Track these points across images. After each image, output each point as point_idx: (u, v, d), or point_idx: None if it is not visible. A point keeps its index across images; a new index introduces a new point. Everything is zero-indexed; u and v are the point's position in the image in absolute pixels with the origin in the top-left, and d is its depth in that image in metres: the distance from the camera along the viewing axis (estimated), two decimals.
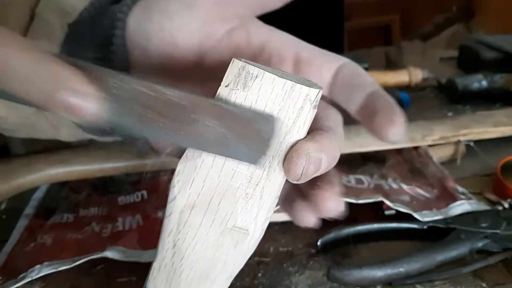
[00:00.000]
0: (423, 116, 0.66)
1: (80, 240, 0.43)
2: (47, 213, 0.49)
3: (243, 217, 0.24)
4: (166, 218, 0.24)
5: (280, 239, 0.44)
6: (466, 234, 0.40)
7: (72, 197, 0.51)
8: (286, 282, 0.39)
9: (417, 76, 0.75)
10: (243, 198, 0.23)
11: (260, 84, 0.22)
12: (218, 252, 0.24)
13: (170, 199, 0.24)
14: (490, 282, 0.37)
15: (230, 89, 0.22)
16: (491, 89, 0.68)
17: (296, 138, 0.23)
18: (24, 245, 0.43)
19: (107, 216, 0.47)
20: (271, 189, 0.23)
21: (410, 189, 0.48)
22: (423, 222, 0.42)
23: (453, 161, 0.54)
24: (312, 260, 0.41)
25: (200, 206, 0.23)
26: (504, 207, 0.44)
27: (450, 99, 0.72)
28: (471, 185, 0.49)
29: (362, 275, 0.37)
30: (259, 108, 0.22)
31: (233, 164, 0.23)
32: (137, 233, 0.44)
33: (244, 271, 0.38)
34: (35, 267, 0.39)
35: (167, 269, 0.25)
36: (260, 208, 0.24)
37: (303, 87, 0.22)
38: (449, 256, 0.38)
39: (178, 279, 0.25)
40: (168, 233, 0.24)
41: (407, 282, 0.37)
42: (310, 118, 0.23)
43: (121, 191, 0.51)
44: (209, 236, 0.24)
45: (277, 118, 0.22)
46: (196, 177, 0.23)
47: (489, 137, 0.55)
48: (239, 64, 0.22)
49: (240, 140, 0.22)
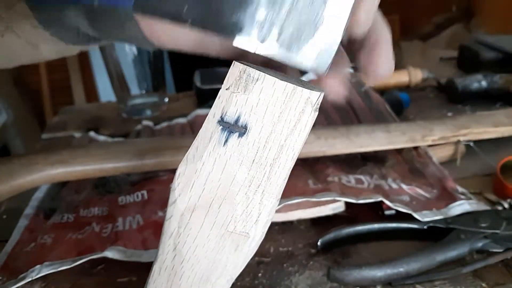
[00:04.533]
0: (423, 116, 0.67)
1: (80, 240, 0.43)
2: (47, 213, 0.49)
3: (243, 221, 0.24)
4: (167, 220, 0.24)
5: (280, 239, 0.44)
6: (466, 234, 0.40)
7: (72, 197, 0.51)
8: (286, 282, 0.39)
9: (417, 76, 0.75)
10: (243, 201, 0.23)
11: (261, 87, 0.22)
12: (218, 255, 0.24)
13: (170, 202, 0.24)
14: (490, 282, 0.37)
15: (230, 92, 0.23)
16: (491, 89, 0.68)
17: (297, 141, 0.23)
18: (24, 245, 0.43)
19: (107, 216, 0.47)
20: (271, 192, 0.23)
21: (410, 189, 0.48)
22: (423, 222, 0.42)
23: (453, 161, 0.54)
24: (312, 260, 0.41)
25: (201, 209, 0.23)
26: (504, 207, 0.44)
27: (450, 99, 0.72)
28: (471, 185, 0.49)
29: (362, 275, 0.37)
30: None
31: (234, 167, 0.23)
32: (137, 233, 0.44)
33: (244, 271, 0.38)
34: (35, 267, 0.39)
35: (167, 271, 0.25)
36: (260, 211, 0.24)
37: (304, 90, 0.22)
38: (449, 256, 0.38)
39: (178, 282, 0.25)
40: (168, 235, 0.24)
41: (407, 282, 0.38)
42: (311, 121, 0.23)
43: (121, 191, 0.51)
44: (209, 239, 0.24)
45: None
46: (196, 180, 0.23)
47: (489, 137, 0.55)
48: (240, 67, 0.22)
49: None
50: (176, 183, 0.23)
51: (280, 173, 0.23)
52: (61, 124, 0.76)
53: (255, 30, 0.21)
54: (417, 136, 0.53)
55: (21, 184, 0.46)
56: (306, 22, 0.21)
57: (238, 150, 0.23)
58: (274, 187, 0.23)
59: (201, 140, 0.23)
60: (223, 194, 0.23)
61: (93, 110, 0.83)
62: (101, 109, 0.83)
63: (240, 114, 0.23)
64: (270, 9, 0.21)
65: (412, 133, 0.53)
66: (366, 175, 0.50)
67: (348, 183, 0.48)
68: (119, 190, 0.51)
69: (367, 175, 0.50)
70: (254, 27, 0.21)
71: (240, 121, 0.23)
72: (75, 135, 0.69)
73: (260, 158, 0.23)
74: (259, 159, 0.23)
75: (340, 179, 0.49)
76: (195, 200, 0.23)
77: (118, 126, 0.73)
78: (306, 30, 0.22)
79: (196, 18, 0.20)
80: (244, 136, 0.23)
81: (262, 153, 0.23)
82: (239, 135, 0.23)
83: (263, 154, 0.23)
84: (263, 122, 0.23)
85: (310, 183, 0.47)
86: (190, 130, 0.66)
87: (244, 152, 0.23)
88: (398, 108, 0.67)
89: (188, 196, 0.23)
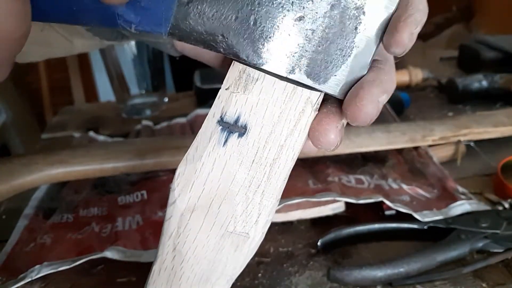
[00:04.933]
0: (423, 116, 0.67)
1: (80, 240, 0.43)
2: (47, 213, 0.49)
3: (243, 221, 0.23)
4: (166, 221, 0.24)
5: (280, 239, 0.44)
6: (466, 234, 0.40)
7: (72, 197, 0.51)
8: (286, 282, 0.39)
9: (417, 76, 0.75)
10: (243, 202, 0.23)
11: (261, 87, 0.22)
12: (218, 255, 0.24)
13: (170, 202, 0.24)
14: (490, 282, 0.37)
15: (230, 92, 0.22)
16: (491, 89, 0.68)
17: (297, 141, 0.23)
18: (24, 245, 0.43)
19: (107, 216, 0.47)
20: (271, 193, 0.23)
21: (410, 189, 0.48)
22: (423, 222, 0.42)
23: (453, 161, 0.54)
24: (312, 260, 0.41)
25: (201, 209, 0.23)
26: (504, 207, 0.44)
27: (450, 99, 0.72)
28: (471, 185, 0.49)
29: (362, 275, 0.37)
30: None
31: (234, 167, 0.23)
32: (137, 233, 0.44)
33: (244, 272, 0.38)
34: (35, 267, 0.39)
35: (167, 272, 0.25)
36: (260, 212, 0.24)
37: (304, 90, 0.22)
38: (449, 256, 0.38)
39: (178, 282, 0.25)
40: (168, 236, 0.24)
41: (407, 282, 0.37)
42: (311, 121, 0.23)
43: (121, 191, 0.51)
44: (209, 239, 0.24)
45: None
46: (196, 180, 0.23)
47: (489, 137, 0.55)
48: (240, 67, 0.22)
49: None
50: (175, 183, 0.23)
51: (280, 173, 0.23)
52: (61, 124, 0.76)
53: (285, 60, 0.21)
54: (418, 136, 0.53)
55: (21, 184, 0.46)
56: (334, 53, 0.21)
57: (238, 150, 0.23)
58: (274, 188, 0.23)
59: (200, 140, 0.23)
60: (223, 194, 0.23)
61: (93, 110, 0.83)
62: (100, 109, 0.82)
63: (240, 114, 0.23)
64: (301, 41, 0.21)
65: (412, 133, 0.53)
66: (366, 175, 0.50)
67: (348, 183, 0.48)
68: (119, 190, 0.51)
69: (367, 175, 0.50)
70: (284, 58, 0.21)
71: (239, 121, 0.23)
72: (75, 135, 0.69)
73: (260, 158, 0.23)
74: (259, 159, 0.23)
75: (340, 179, 0.49)
76: (194, 200, 0.23)
77: (118, 126, 0.72)
78: (334, 61, 0.21)
79: (228, 48, 0.21)
80: (244, 136, 0.23)
81: (262, 153, 0.23)
82: (239, 135, 0.23)
83: (263, 154, 0.23)
84: (263, 122, 0.23)
85: (310, 183, 0.47)
86: (190, 130, 0.66)
87: (244, 152, 0.23)
88: (398, 108, 0.67)
89: (187, 196, 0.23)
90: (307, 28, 0.21)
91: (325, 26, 0.21)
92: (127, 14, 0.20)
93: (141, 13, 0.20)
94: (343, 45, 0.21)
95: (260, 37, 0.21)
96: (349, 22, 0.21)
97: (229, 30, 0.21)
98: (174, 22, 0.21)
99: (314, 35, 0.21)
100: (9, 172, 0.45)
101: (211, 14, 0.20)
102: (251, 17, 0.20)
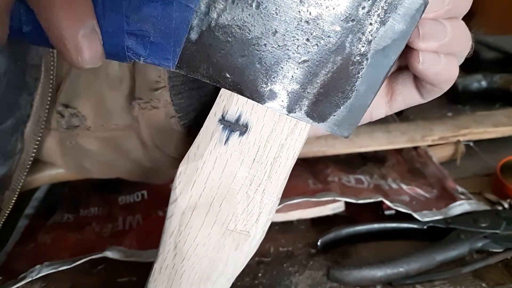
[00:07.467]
0: (423, 116, 0.67)
1: (80, 240, 0.43)
2: (47, 213, 0.49)
3: (244, 219, 0.24)
4: (168, 219, 0.24)
5: (280, 239, 0.44)
6: (466, 234, 0.40)
7: (72, 197, 0.51)
8: (286, 282, 0.39)
9: None
10: (244, 200, 0.23)
11: None
12: (219, 253, 0.24)
13: (171, 200, 0.24)
14: (490, 282, 0.37)
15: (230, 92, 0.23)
16: (490, 89, 0.68)
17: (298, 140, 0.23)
18: (24, 245, 0.43)
19: (107, 216, 0.47)
20: (272, 191, 0.23)
21: (410, 189, 0.48)
22: (423, 222, 0.42)
23: (453, 161, 0.54)
24: (312, 260, 0.41)
25: (202, 207, 0.23)
26: (504, 207, 0.44)
27: (450, 99, 0.71)
28: (471, 185, 0.49)
29: (362, 275, 0.37)
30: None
31: (235, 166, 0.23)
32: (137, 233, 0.44)
33: (245, 271, 0.38)
34: (35, 267, 0.39)
35: (168, 270, 0.25)
36: (261, 210, 0.24)
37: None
38: (449, 256, 0.38)
39: (179, 280, 0.25)
40: (169, 234, 0.24)
41: (407, 282, 0.38)
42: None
43: (121, 191, 0.51)
44: (210, 237, 0.24)
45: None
46: (197, 179, 0.23)
47: (488, 137, 0.55)
48: None
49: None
50: (177, 181, 0.23)
51: (280, 172, 0.23)
52: None
53: (286, 100, 0.21)
54: (417, 136, 0.53)
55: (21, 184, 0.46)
56: (335, 95, 0.22)
57: (239, 149, 0.23)
58: (274, 186, 0.23)
59: (202, 139, 0.23)
60: (224, 193, 0.23)
61: None
62: None
63: (241, 113, 0.23)
64: (303, 82, 0.21)
65: (412, 133, 0.53)
66: (366, 175, 0.50)
67: (348, 183, 0.48)
68: (119, 190, 0.51)
69: (367, 175, 0.50)
70: (286, 98, 0.21)
71: (241, 120, 0.23)
72: None
73: (260, 157, 0.23)
74: (260, 158, 0.23)
75: (340, 179, 0.49)
76: (196, 198, 0.23)
77: None
78: (334, 103, 0.22)
79: (233, 85, 0.21)
80: (245, 135, 0.23)
81: (263, 152, 0.23)
82: (240, 134, 0.23)
83: (264, 153, 0.23)
84: (264, 121, 0.23)
85: (310, 183, 0.47)
86: None
87: (245, 151, 0.23)
88: None
89: (189, 194, 0.23)
90: (311, 72, 0.21)
91: (328, 70, 0.21)
92: (136, 47, 0.20)
93: (150, 47, 0.21)
94: (344, 88, 0.21)
95: (264, 77, 0.21)
96: (352, 68, 0.21)
97: (235, 68, 0.21)
98: (182, 58, 0.21)
99: (317, 79, 0.21)
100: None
101: (219, 53, 0.21)
102: (256, 58, 0.20)
